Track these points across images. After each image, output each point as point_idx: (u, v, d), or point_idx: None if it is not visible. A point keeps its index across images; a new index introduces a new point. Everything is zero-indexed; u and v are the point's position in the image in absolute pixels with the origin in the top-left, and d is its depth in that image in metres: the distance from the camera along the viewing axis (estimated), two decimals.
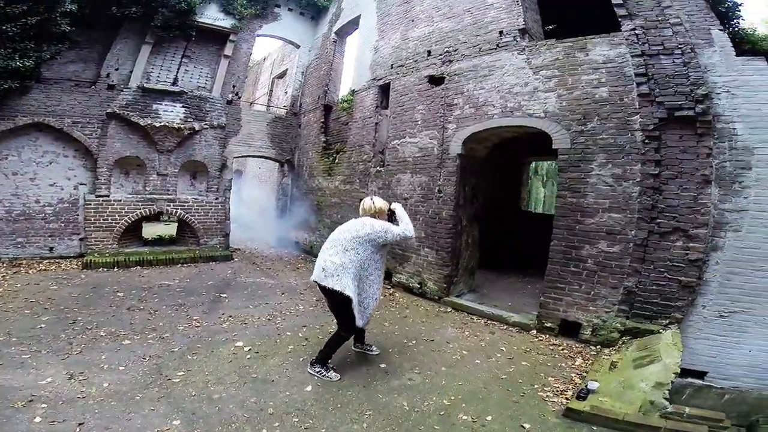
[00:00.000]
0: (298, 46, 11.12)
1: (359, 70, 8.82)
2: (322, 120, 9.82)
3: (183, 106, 8.67)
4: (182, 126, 8.53)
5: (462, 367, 4.28)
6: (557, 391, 3.86)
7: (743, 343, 4.42)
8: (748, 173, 4.49)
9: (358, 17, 9.17)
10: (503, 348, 4.88)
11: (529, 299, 6.77)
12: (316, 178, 10.01)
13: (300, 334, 4.95)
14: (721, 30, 4.57)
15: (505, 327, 5.65)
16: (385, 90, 7.99)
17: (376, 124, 8.05)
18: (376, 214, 3.82)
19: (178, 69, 8.85)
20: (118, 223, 8.14)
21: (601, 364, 4.35)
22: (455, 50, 6.57)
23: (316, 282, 3.68)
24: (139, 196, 8.44)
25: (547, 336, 5.31)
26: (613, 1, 4.99)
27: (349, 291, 3.50)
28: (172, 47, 8.75)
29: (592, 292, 5.13)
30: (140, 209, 8.39)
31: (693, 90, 4.57)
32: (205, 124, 8.95)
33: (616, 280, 5.00)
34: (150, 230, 10.01)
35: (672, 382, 3.68)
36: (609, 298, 5.04)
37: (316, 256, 4.38)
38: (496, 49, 5.99)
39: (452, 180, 6.44)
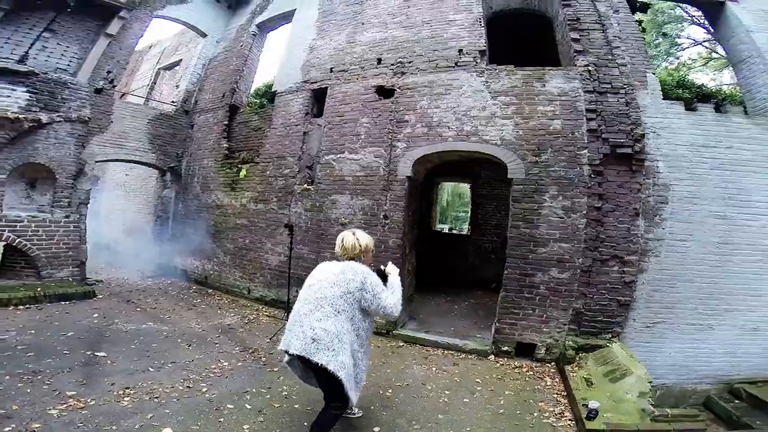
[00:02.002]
0: (204, 35, 9.22)
1: (286, 70, 7.58)
2: (225, 122, 8.13)
3: (28, 91, 6.05)
4: (21, 116, 5.89)
5: (456, 411, 3.84)
6: (555, 414, 3.86)
7: (664, 347, 5.11)
8: (666, 207, 5.13)
9: (293, 11, 7.96)
10: (478, 380, 4.60)
11: (465, 322, 6.72)
12: (213, 192, 8.21)
13: (248, 406, 3.61)
14: (653, 74, 5.18)
15: (463, 355, 5.37)
16: (319, 96, 6.97)
17: (305, 133, 6.95)
18: (361, 254, 2.87)
19: (33, 44, 6.20)
20: None
21: (576, 382, 4.40)
22: (410, 62, 6.08)
23: (296, 355, 2.61)
24: None
25: (506, 359, 5.25)
26: (571, 36, 5.23)
27: (346, 372, 2.52)
28: (34, 17, 6.20)
29: (545, 315, 5.25)
30: None
31: (632, 129, 5.04)
32: (59, 115, 6.40)
33: (566, 303, 5.18)
34: None
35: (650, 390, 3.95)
36: (560, 319, 5.20)
37: (213, 288, 3.28)
38: (454, 67, 5.72)
39: (400, 205, 5.87)
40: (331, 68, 6.88)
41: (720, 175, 5.04)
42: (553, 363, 5.13)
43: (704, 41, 14.94)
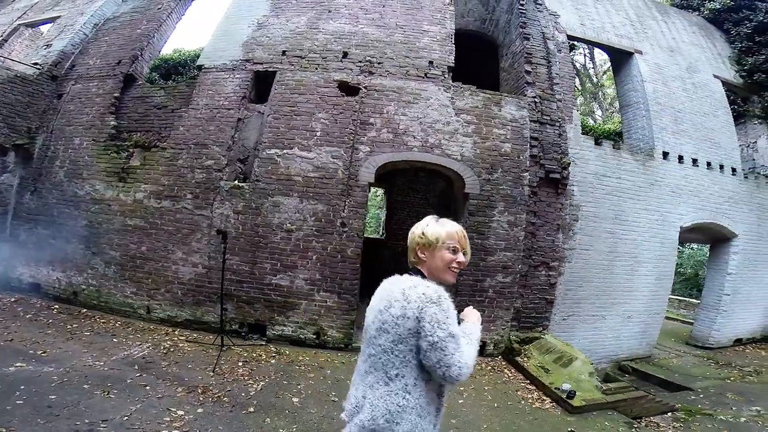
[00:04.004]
0: None
1: (220, 43, 6.16)
2: (115, 95, 6.16)
3: None
4: None
5: (461, 412, 3.98)
6: (536, 400, 4.46)
7: (575, 335, 6.18)
8: (577, 223, 6.19)
9: None
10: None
11: None
12: (87, 181, 6.14)
13: None
14: (578, 111, 6.14)
15: None
16: (263, 79, 5.90)
17: (240, 120, 5.80)
18: (422, 252, 1.51)
19: None
20: None
21: (533, 370, 4.97)
22: (380, 63, 5.70)
23: None
24: None
25: None
26: (525, 68, 5.76)
27: None
28: None
29: (493, 315, 5.71)
30: None
31: (562, 158, 5.90)
32: None
33: (509, 303, 5.76)
34: None
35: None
36: (504, 317, 5.75)
37: (88, 308, 2.32)
38: (424, 78, 5.64)
39: (360, 212, 5.49)
40: (284, 51, 5.97)
41: (611, 200, 6.34)
42: (500, 357, 5.64)
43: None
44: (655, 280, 6.62)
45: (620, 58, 7.25)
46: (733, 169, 7.16)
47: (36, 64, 6.69)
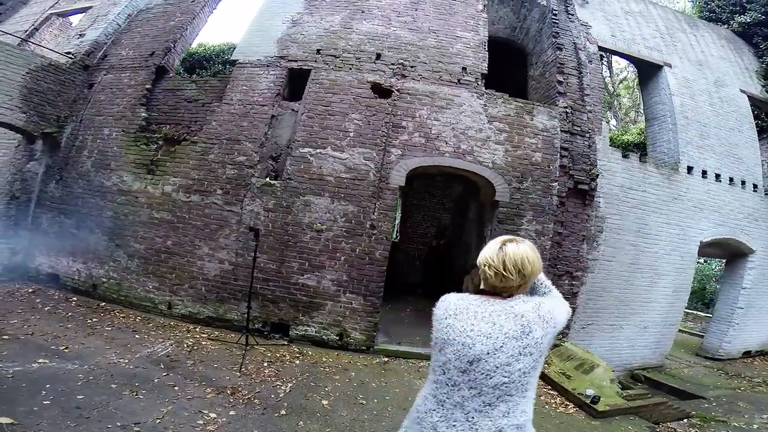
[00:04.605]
0: None
1: (254, 38, 6.11)
2: (147, 86, 6.11)
3: None
4: None
5: None
6: (559, 404, 4.45)
7: (593, 343, 6.17)
8: (602, 235, 6.19)
9: None
10: None
11: (421, 329, 6.70)
12: (115, 172, 6.08)
13: None
14: (607, 123, 6.14)
15: None
16: (297, 77, 5.85)
17: (273, 117, 5.76)
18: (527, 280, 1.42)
19: None
20: None
21: (555, 376, 4.97)
22: (412, 66, 5.67)
23: None
24: None
25: None
26: (557, 78, 5.75)
27: None
28: None
29: None
30: None
31: (590, 169, 5.89)
32: None
33: None
34: None
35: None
36: None
37: (107, 301, 2.36)
38: (457, 84, 5.62)
39: (389, 215, 5.47)
40: (318, 50, 5.92)
41: (635, 213, 6.35)
42: None
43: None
44: (673, 292, 6.64)
45: (649, 71, 7.25)
46: (755, 186, 7.19)
47: (68, 53, 6.60)
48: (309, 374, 4.42)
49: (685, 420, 4.33)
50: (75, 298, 5.92)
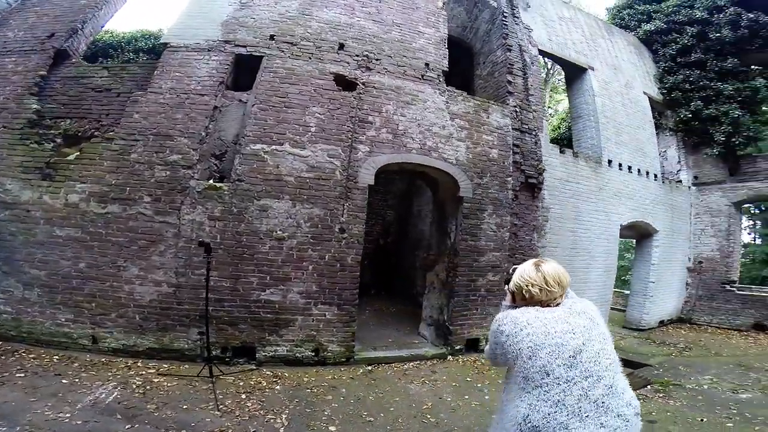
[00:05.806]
0: None
1: (192, 20, 5.13)
2: (41, 73, 4.76)
3: None
4: None
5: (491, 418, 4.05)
6: None
7: None
8: (547, 224, 6.68)
9: None
10: (468, 379, 4.91)
11: (390, 330, 6.65)
12: None
13: None
14: (546, 122, 6.56)
15: (430, 363, 5.38)
16: (245, 64, 5.10)
17: (216, 108, 4.95)
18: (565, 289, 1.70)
19: None
20: None
21: None
22: (377, 59, 5.34)
23: None
24: None
25: (462, 357, 5.63)
26: (507, 78, 5.96)
27: None
28: None
29: (484, 312, 5.88)
30: None
31: (538, 164, 6.28)
32: None
33: (498, 300, 5.94)
34: None
35: None
36: (494, 314, 5.90)
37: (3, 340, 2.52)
38: (420, 79, 5.46)
39: (360, 217, 5.14)
40: (272, 35, 5.27)
41: (572, 202, 6.96)
42: None
43: None
44: (604, 272, 7.46)
45: (575, 73, 8.01)
46: (655, 176, 8.44)
47: None
48: (298, 399, 3.93)
49: (648, 387, 4.80)
50: None
